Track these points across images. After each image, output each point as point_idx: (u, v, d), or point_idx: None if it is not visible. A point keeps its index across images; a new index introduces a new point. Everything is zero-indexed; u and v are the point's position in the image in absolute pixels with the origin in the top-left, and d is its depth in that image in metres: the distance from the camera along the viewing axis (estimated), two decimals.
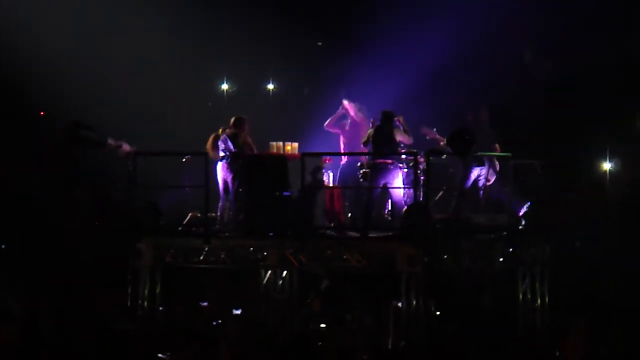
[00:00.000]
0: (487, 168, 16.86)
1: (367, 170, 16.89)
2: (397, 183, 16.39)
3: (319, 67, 21.75)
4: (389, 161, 16.53)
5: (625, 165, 20.77)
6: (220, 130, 16.92)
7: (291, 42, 21.30)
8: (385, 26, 20.82)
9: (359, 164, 17.13)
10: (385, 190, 16.59)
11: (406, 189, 16.40)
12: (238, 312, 17.85)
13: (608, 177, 20.79)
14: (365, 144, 16.85)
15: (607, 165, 20.84)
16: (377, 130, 16.76)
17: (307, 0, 21.44)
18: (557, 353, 14.05)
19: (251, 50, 21.43)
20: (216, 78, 22.14)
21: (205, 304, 18.09)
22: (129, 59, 20.69)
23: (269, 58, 21.84)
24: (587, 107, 20.35)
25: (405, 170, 16.60)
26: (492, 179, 16.94)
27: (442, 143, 16.82)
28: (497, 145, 16.91)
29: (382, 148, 16.63)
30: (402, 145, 16.63)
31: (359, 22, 21.15)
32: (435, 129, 17.19)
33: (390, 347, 15.40)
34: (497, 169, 17.00)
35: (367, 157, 16.96)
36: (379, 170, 16.60)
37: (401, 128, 16.64)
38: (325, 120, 17.96)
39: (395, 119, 16.67)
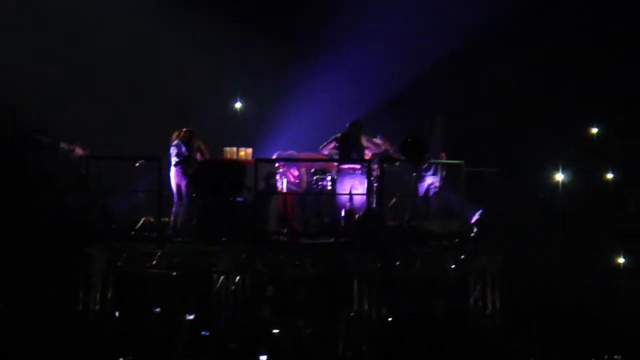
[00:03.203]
0: (439, 176, 17.00)
1: (322, 176, 17.00)
2: (362, 188, 16.44)
3: (276, 76, 21.68)
4: (357, 167, 16.62)
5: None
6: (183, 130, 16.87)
7: (252, 52, 21.28)
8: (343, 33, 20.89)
9: (312, 170, 17.20)
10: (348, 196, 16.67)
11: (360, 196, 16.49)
12: (191, 317, 17.76)
13: (560, 187, 20.97)
14: (323, 147, 16.92)
15: (559, 176, 21.03)
16: (344, 136, 16.84)
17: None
18: None
19: (210, 57, 21.34)
20: (171, 84, 22.02)
21: (158, 309, 17.98)
22: (84, 65, 20.57)
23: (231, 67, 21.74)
24: (541, 116, 20.53)
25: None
26: (439, 185, 17.09)
27: (391, 151, 16.94)
28: (443, 154, 17.06)
29: (350, 153, 16.73)
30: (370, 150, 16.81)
31: (316, 30, 21.18)
32: (377, 137, 17.22)
33: (340, 352, 15.44)
34: (444, 175, 17.14)
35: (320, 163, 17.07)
36: (346, 176, 16.68)
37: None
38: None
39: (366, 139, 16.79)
